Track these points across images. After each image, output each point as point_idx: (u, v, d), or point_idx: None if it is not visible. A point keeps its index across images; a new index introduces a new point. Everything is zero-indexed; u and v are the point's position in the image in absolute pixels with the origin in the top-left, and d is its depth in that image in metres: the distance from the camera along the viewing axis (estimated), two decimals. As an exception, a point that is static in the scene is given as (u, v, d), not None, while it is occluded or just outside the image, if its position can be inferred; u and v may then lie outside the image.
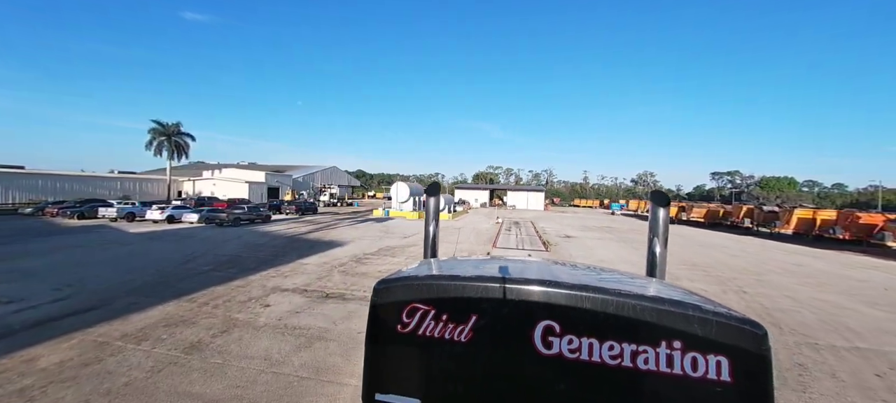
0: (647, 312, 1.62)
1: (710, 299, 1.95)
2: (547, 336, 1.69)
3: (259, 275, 11.91)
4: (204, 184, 55.55)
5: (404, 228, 27.74)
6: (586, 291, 1.71)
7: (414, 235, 23.52)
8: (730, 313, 1.64)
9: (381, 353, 1.91)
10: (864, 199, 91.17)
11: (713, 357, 1.55)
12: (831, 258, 20.17)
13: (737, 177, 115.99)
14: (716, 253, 20.50)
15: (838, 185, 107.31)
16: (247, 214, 26.23)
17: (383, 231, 25.24)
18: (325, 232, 23.16)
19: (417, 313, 1.83)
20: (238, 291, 10.12)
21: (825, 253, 22.08)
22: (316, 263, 13.98)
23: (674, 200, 75.93)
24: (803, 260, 19.18)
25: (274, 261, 14.07)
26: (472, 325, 1.77)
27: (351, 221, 32.24)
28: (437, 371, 1.83)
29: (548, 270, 2.36)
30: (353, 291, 10.40)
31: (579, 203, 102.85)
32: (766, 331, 1.59)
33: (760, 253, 20.91)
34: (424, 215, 3.75)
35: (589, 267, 2.92)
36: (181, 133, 52.83)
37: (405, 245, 19.15)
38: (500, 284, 1.78)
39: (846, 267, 17.24)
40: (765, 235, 31.88)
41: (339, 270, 12.90)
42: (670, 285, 2.36)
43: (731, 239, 27.97)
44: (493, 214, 51.16)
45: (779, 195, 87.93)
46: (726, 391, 1.53)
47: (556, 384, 1.68)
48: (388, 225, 29.37)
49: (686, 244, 24.54)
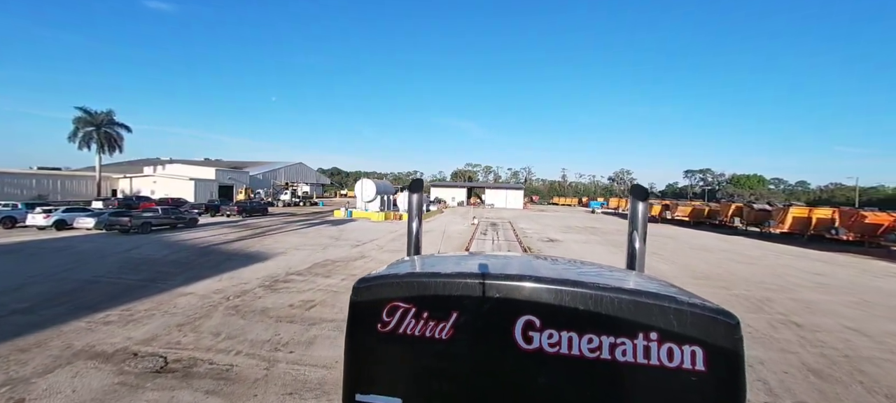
0: (625, 304, 1.64)
1: (685, 290, 1.87)
2: (527, 330, 1.69)
3: (84, 322, 7.56)
4: (143, 181, 48.91)
5: (363, 233, 23.55)
6: (566, 285, 1.72)
7: (371, 242, 19.41)
8: (704, 304, 1.65)
9: (361, 353, 1.84)
10: (825, 197, 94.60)
11: (688, 348, 1.57)
12: (848, 264, 17.73)
13: (708, 174, 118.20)
14: (718, 258, 17.63)
15: (802, 183, 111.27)
16: (162, 218, 21.21)
17: (334, 237, 20.97)
18: (256, 241, 18.65)
19: (398, 311, 1.79)
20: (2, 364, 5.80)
21: (834, 257, 19.75)
22: (202, 293, 9.70)
23: (654, 198, 75.12)
24: (819, 267, 16.56)
25: (137, 292, 9.67)
26: (452, 322, 1.74)
27: (302, 224, 27.62)
28: (418, 369, 1.80)
29: (529, 265, 2.35)
30: (224, 354, 6.27)
31: (558, 201, 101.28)
32: (738, 321, 1.60)
33: (767, 259, 18.24)
34: (407, 213, 3.49)
35: (569, 260, 2.74)
36: (113, 123, 46.08)
37: (352, 258, 15.06)
38: (480, 280, 1.77)
39: (876, 277, 14.64)
40: (755, 235, 29.90)
41: (227, 306, 8.70)
42: (649, 277, 2.33)
43: (724, 241, 25.55)
44: (469, 214, 47.53)
45: (752, 192, 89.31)
46: (700, 379, 1.55)
47: (536, 378, 1.68)
48: (345, 229, 25.06)
49: (679, 247, 21.73)
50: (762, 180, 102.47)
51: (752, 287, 12.28)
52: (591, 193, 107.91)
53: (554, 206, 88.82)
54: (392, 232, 23.92)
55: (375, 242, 19.47)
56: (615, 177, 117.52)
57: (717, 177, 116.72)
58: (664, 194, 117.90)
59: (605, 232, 29.58)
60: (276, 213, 39.01)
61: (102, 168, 47.50)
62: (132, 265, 12.70)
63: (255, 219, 30.41)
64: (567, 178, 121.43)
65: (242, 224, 26.77)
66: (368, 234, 22.85)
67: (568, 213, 59.58)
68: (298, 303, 8.99)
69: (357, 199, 37.93)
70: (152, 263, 13.04)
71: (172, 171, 51.77)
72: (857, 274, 15.17)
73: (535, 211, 64.54)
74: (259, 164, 70.62)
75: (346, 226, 26.93)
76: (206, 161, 76.59)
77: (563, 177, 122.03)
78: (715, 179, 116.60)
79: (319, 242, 18.70)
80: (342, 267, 13.23)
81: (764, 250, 21.60)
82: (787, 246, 23.45)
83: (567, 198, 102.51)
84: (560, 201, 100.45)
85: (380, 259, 15.07)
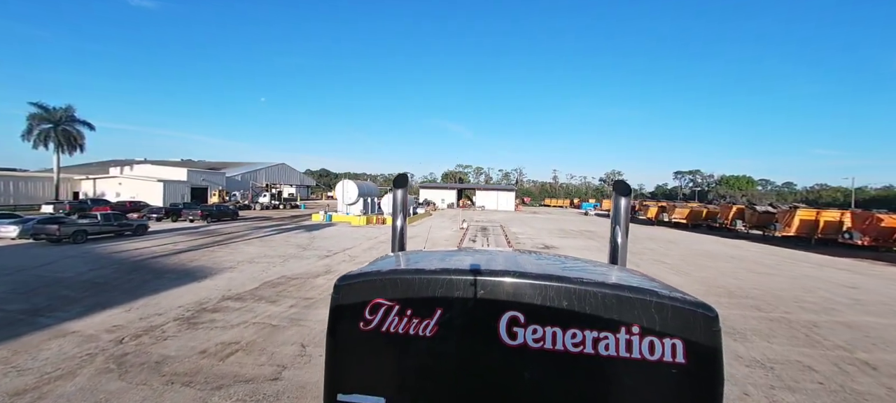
0: (607, 299, 1.63)
1: (666, 284, 1.92)
2: (512, 326, 1.67)
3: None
4: (108, 183, 45.45)
5: (337, 240, 21.11)
6: (550, 281, 1.70)
7: (343, 252, 17.02)
8: (684, 297, 1.68)
9: (342, 353, 1.81)
10: (812, 197, 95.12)
11: (669, 341, 1.58)
12: (871, 273, 16.02)
13: (698, 175, 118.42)
14: (732, 268, 15.75)
15: (788, 184, 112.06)
16: (101, 225, 18.39)
17: (302, 246, 18.49)
18: (206, 253, 16.08)
19: (381, 309, 1.75)
20: None
21: (853, 264, 18.11)
22: (90, 332, 7.22)
23: (644, 199, 74.08)
24: (845, 277, 14.78)
25: (2, 330, 7.15)
26: (437, 320, 1.72)
27: (271, 230, 24.99)
28: (401, 368, 1.77)
29: (513, 261, 2.26)
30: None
31: (550, 202, 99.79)
32: (717, 314, 1.62)
33: (785, 268, 16.45)
34: (391, 213, 3.36)
35: (553, 256, 2.83)
36: (73, 120, 42.62)
37: (315, 273, 12.68)
38: (465, 277, 1.74)
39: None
40: (758, 239, 28.37)
41: (110, 356, 6.27)
42: (631, 272, 2.34)
43: (730, 246, 23.83)
44: (459, 216, 45.32)
45: (744, 193, 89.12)
46: (681, 371, 1.56)
47: (521, 374, 1.66)
48: (318, 236, 22.56)
49: (684, 253, 19.85)
50: (751, 181, 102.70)
51: (789, 307, 10.31)
52: (582, 194, 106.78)
53: (546, 208, 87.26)
54: (371, 239, 21.53)
55: (349, 252, 17.09)
56: (607, 178, 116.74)
57: (706, 178, 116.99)
58: (654, 195, 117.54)
59: (603, 236, 27.67)
60: (249, 217, 36.13)
61: (64, 169, 44.01)
62: (29, 287, 10.10)
63: (222, 225, 27.61)
64: (558, 179, 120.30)
65: (203, 230, 24.01)
66: (343, 242, 20.41)
67: (560, 215, 57.85)
68: (215, 348, 6.60)
69: (338, 202, 35.37)
70: (57, 285, 10.45)
71: (141, 172, 48.35)
72: (885, 285, 13.45)
73: (526, 213, 62.68)
74: (238, 165, 67.25)
75: (320, 232, 24.41)
76: (185, 161, 72.83)
77: (554, 178, 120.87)
78: (704, 180, 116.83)
79: (282, 252, 16.22)
80: (297, 287, 10.83)
81: (776, 256, 19.87)
82: (797, 252, 21.82)
83: (558, 199, 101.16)
84: (551, 203, 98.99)
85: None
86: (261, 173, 62.36)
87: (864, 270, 16.64)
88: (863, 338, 8.12)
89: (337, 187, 36.06)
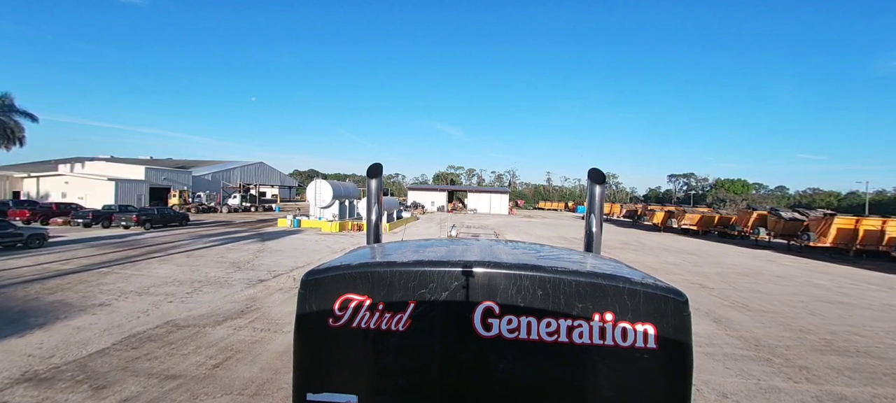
0: (582, 287, 1.63)
1: (636, 270, 1.94)
2: (486, 317, 1.65)
3: None
4: (54, 182, 40.24)
5: (293, 254, 16.92)
6: (525, 270, 1.68)
7: (293, 271, 12.87)
8: (656, 282, 1.68)
9: (311, 351, 1.72)
10: (805, 201, 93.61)
11: (641, 326, 1.59)
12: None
13: (692, 178, 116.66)
14: (795, 293, 12.05)
15: (780, 188, 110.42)
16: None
17: (239, 264, 14.26)
18: (96, 276, 11.78)
19: (351, 304, 1.68)
20: None
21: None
22: None
23: (647, 204, 71.00)
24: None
25: None
26: (410, 313, 1.67)
27: (216, 240, 20.55)
28: (373, 364, 1.71)
29: (489, 250, 2.21)
30: None
31: (544, 205, 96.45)
32: (686, 298, 1.63)
33: (859, 294, 12.87)
34: (366, 202, 3.24)
35: (528, 245, 2.81)
36: (12, 109, 37.40)
37: (228, 314, 8.58)
38: (439, 268, 1.70)
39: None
40: (782, 248, 25.05)
41: None
42: (604, 259, 2.34)
43: (764, 259, 20.33)
44: (448, 221, 41.33)
45: (744, 197, 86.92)
46: (652, 356, 1.58)
47: (496, 365, 1.64)
48: (269, 249, 18.30)
49: (720, 272, 16.14)
50: (746, 185, 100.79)
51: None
52: (576, 197, 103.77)
53: (540, 212, 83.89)
54: (338, 253, 17.40)
55: (297, 273, 12.94)
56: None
57: (700, 182, 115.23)
58: (647, 198, 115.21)
59: (609, 245, 23.96)
60: (206, 222, 31.44)
61: (3, 167, 38.81)
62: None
63: (161, 233, 23.03)
64: (552, 182, 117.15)
65: (129, 240, 19.48)
66: (299, 256, 16.24)
67: (557, 219, 54.27)
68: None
69: (310, 205, 31.07)
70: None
71: (93, 170, 43.21)
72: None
73: (521, 217, 59.00)
74: (211, 163, 62.16)
75: (276, 243, 20.13)
76: (151, 160, 67.39)
77: (548, 180, 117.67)
78: (698, 183, 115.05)
79: (203, 275, 11.99)
80: (173, 348, 6.67)
81: (830, 276, 16.35)
82: (849, 268, 18.39)
83: (553, 202, 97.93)
84: (546, 206, 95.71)
85: (282, 313, 8.68)
86: (235, 172, 57.38)
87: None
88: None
89: (308, 188, 31.75)
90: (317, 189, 30.61)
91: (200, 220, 32.37)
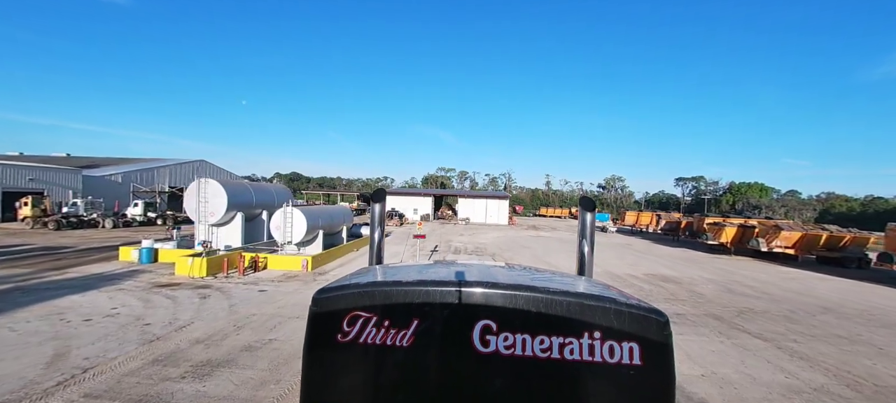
0: (573, 307, 1.73)
1: (624, 293, 2.01)
2: (485, 334, 1.72)
3: None
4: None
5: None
6: (521, 290, 1.77)
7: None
8: (639, 303, 1.77)
9: (319, 364, 1.83)
10: (822, 207, 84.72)
11: (626, 344, 1.67)
12: None
13: (702, 182, 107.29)
14: None
15: (792, 192, 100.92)
16: None
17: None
18: None
19: (358, 321, 1.78)
20: None
21: None
22: None
23: (703, 217, 59.93)
24: None
25: None
26: (413, 330, 1.75)
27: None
28: (378, 378, 1.80)
29: (487, 272, 2.35)
30: None
31: (545, 212, 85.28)
32: (667, 318, 1.73)
33: None
34: (369, 227, 3.45)
35: (524, 267, 3.04)
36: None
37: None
38: (441, 288, 1.79)
39: None
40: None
41: None
42: (595, 282, 2.46)
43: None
44: (430, 239, 29.57)
45: (768, 205, 76.98)
46: (637, 372, 1.66)
47: (493, 380, 1.72)
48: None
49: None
50: (765, 189, 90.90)
51: None
52: (577, 202, 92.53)
53: (542, 219, 72.62)
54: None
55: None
56: (606, 184, 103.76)
57: (709, 185, 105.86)
58: (650, 203, 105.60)
59: (688, 286, 12.56)
60: (33, 250, 19.04)
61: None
62: None
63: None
64: (551, 186, 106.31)
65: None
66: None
67: (569, 233, 42.86)
68: None
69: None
70: None
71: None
72: None
73: (524, 229, 47.40)
74: (133, 161, 49.26)
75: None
76: (68, 158, 54.04)
77: (547, 183, 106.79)
78: (708, 187, 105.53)
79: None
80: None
81: None
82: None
83: (554, 208, 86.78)
84: (547, 212, 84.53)
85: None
86: (162, 172, 44.73)
87: None
88: None
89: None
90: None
91: (34, 245, 19.89)
